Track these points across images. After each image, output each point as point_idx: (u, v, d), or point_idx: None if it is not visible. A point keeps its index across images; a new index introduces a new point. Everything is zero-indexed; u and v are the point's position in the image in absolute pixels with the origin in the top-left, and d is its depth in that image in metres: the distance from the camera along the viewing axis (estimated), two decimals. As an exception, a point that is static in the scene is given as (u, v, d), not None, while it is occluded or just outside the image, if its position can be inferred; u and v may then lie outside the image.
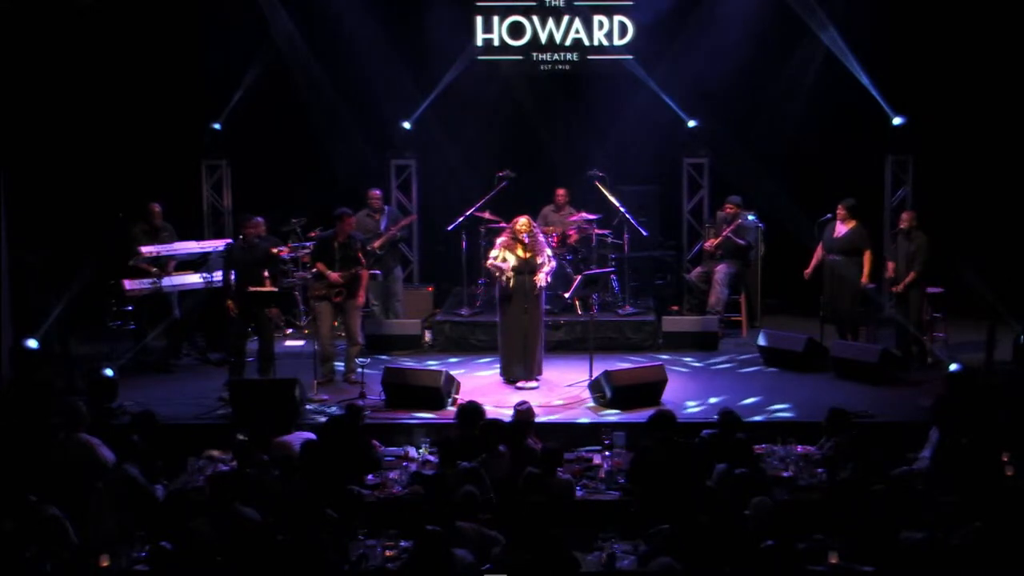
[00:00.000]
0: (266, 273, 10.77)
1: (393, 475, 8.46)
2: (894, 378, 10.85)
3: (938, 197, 12.72)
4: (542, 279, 10.63)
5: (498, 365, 11.07)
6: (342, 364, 11.18)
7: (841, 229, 11.68)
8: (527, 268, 10.66)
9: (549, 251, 10.94)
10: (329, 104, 13.91)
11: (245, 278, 10.70)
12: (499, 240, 10.89)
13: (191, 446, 8.94)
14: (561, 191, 13.15)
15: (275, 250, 12.42)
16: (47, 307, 11.59)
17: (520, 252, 10.65)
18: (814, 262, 11.87)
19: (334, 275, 10.80)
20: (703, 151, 13.84)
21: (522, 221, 10.74)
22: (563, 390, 10.76)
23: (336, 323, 11.21)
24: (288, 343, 12.46)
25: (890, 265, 11.65)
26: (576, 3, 13.95)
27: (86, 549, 7.05)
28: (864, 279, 11.54)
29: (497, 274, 10.73)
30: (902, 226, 11.48)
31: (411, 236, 14.06)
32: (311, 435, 8.71)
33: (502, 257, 10.67)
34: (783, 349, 11.55)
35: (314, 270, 11.08)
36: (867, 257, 11.56)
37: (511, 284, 10.69)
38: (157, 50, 13.14)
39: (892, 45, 12.98)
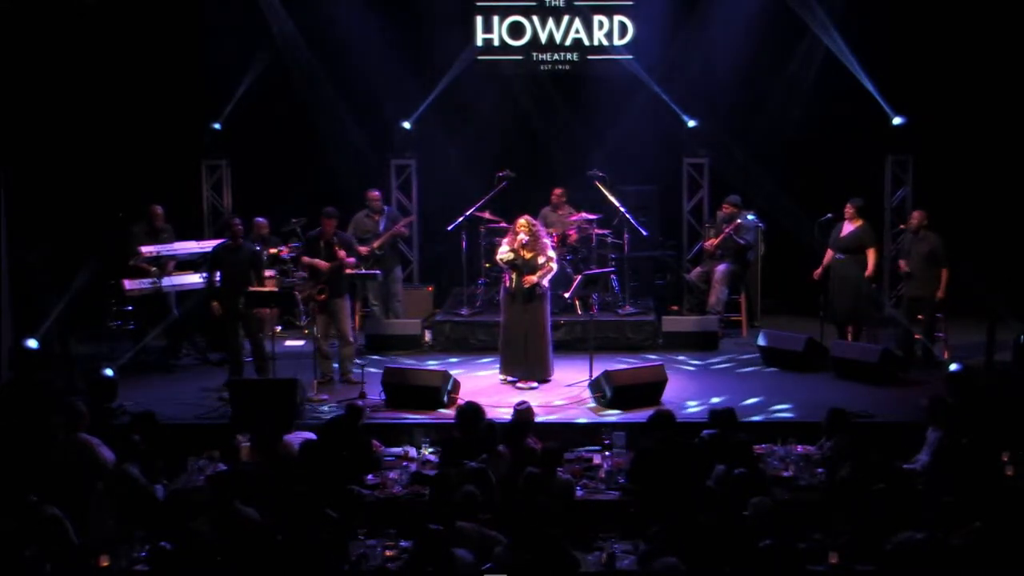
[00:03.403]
0: (266, 273, 10.82)
1: (393, 475, 8.46)
2: (894, 378, 10.85)
3: (938, 197, 12.69)
4: (533, 279, 10.63)
5: (499, 365, 11.07)
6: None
7: (848, 228, 11.68)
8: (527, 268, 10.66)
9: (552, 253, 10.94)
10: (329, 104, 13.90)
11: (231, 279, 10.73)
12: (504, 239, 10.92)
13: (191, 446, 8.93)
14: (558, 190, 13.12)
15: (274, 250, 12.48)
16: (47, 307, 11.59)
17: (522, 251, 10.66)
18: (825, 263, 11.83)
19: (323, 264, 10.82)
20: (703, 151, 13.83)
21: (522, 221, 10.75)
22: (563, 390, 10.76)
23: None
24: (288, 343, 12.46)
25: (902, 263, 11.61)
26: (576, 3, 13.95)
27: (86, 549, 7.05)
28: (868, 273, 11.52)
29: (504, 269, 10.76)
30: (912, 224, 11.47)
31: (411, 236, 14.06)
32: (311, 435, 8.72)
33: (507, 257, 10.69)
34: (783, 349, 11.55)
35: (303, 272, 11.09)
36: (871, 254, 11.57)
37: (513, 284, 10.70)
38: (157, 50, 13.14)
39: (892, 45, 12.98)
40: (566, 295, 11.70)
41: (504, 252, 10.76)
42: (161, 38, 13.12)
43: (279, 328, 12.61)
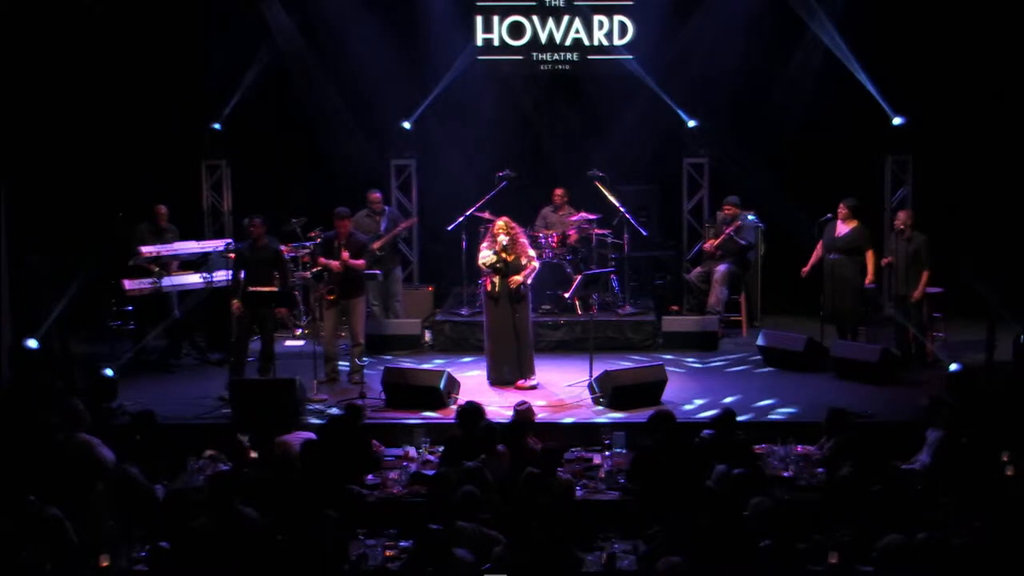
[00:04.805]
0: (276, 274, 10.85)
1: (393, 475, 8.45)
2: (894, 378, 10.85)
3: (938, 197, 12.71)
4: (519, 279, 10.63)
5: (486, 371, 11.02)
6: (346, 364, 11.19)
7: (842, 229, 11.66)
8: (512, 269, 10.66)
9: (532, 252, 10.94)
10: (329, 104, 13.91)
11: (252, 278, 10.74)
12: (483, 244, 10.91)
13: (191, 446, 8.93)
14: (559, 191, 13.16)
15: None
16: (47, 307, 11.58)
17: (504, 254, 10.65)
18: (812, 260, 11.86)
19: (335, 263, 10.83)
20: (703, 151, 13.83)
21: (500, 224, 10.75)
22: (563, 390, 10.76)
23: (343, 321, 11.20)
24: (288, 343, 12.46)
25: (884, 261, 11.62)
26: (576, 3, 13.95)
27: (86, 549, 7.05)
28: (869, 279, 11.52)
29: (487, 274, 10.76)
30: (898, 226, 11.47)
31: (411, 236, 14.07)
32: (311, 435, 8.72)
33: (489, 260, 10.69)
34: (783, 349, 11.55)
35: (315, 269, 11.10)
36: (870, 256, 11.56)
37: (497, 287, 10.69)
38: (157, 51, 13.15)
39: (892, 45, 12.98)
40: (566, 295, 11.70)
41: (487, 256, 10.73)
42: (161, 38, 13.13)
43: (299, 332, 12.65)
